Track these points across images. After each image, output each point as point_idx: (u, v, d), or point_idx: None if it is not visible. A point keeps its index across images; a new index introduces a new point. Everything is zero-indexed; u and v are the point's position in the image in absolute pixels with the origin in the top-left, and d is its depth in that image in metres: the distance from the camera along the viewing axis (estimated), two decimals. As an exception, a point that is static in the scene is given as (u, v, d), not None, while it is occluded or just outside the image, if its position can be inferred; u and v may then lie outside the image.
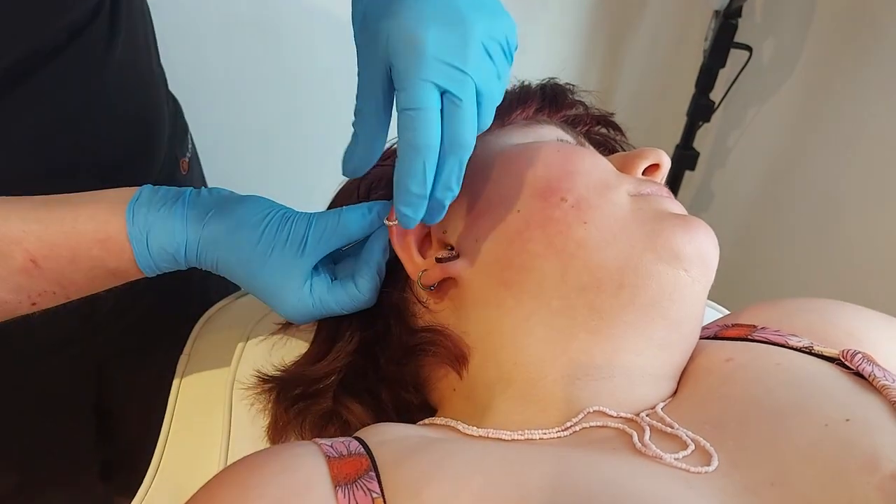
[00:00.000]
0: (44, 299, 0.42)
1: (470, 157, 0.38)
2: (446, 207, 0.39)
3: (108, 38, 0.53)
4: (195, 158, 0.73)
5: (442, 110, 0.36)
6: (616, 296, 0.40)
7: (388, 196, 0.46)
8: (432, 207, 0.39)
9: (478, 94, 0.36)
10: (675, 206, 0.44)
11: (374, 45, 0.36)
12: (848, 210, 1.20)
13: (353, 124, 0.38)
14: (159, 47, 0.65)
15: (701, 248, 0.41)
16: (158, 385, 0.56)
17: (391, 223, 0.44)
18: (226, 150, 0.98)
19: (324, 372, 0.47)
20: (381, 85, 0.37)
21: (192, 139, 0.72)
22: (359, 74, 0.38)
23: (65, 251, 0.40)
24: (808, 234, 1.29)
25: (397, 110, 0.36)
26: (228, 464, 0.44)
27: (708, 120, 1.30)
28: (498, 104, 0.38)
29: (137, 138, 0.60)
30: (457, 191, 0.38)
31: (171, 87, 0.68)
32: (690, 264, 0.40)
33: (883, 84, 1.10)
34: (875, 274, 1.14)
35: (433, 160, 0.36)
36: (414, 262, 0.44)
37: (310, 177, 0.92)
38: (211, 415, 0.52)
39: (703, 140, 1.38)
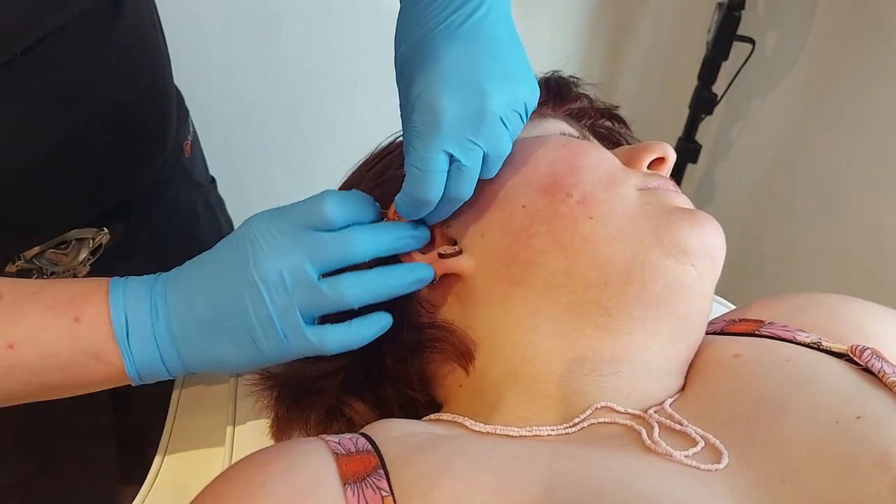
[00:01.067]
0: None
1: None
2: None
3: (111, 13, 0.53)
4: (196, 140, 0.73)
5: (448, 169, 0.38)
6: (623, 291, 0.39)
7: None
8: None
9: (486, 155, 0.38)
10: (682, 200, 0.43)
11: (407, 95, 0.38)
12: (851, 202, 1.20)
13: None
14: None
15: (708, 243, 0.40)
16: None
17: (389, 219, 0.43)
18: (228, 147, 0.97)
19: (325, 370, 0.46)
20: None
21: (192, 122, 0.72)
22: (401, 114, 0.40)
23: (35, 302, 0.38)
24: (811, 227, 1.29)
25: (406, 163, 0.39)
26: (233, 461, 0.44)
27: (710, 112, 1.29)
28: (506, 156, 0.40)
29: (147, 116, 0.59)
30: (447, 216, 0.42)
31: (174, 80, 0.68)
32: (698, 259, 0.40)
33: (886, 76, 1.10)
34: (880, 266, 1.14)
35: (430, 208, 0.39)
36: (415, 260, 0.44)
37: (310, 172, 0.91)
38: (215, 411, 0.52)
39: (706, 133, 1.38)
